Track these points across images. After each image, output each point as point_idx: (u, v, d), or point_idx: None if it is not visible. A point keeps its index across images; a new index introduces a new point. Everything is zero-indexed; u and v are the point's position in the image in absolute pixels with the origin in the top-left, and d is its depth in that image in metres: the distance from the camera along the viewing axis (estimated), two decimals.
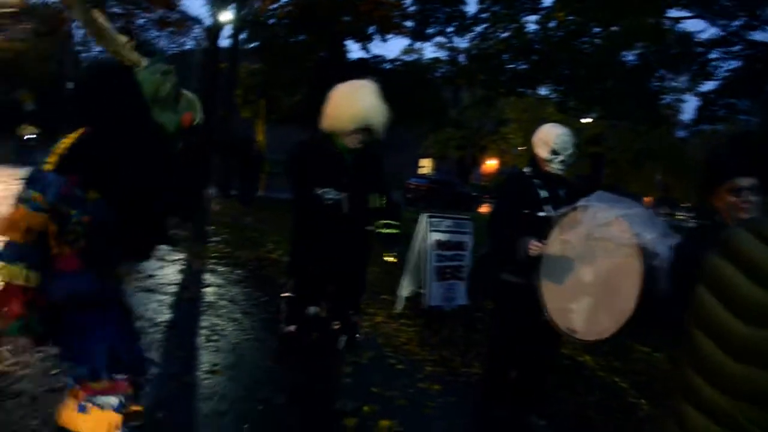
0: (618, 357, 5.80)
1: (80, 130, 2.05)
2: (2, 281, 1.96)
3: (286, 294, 3.29)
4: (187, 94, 2.27)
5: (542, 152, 3.65)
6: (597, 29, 14.13)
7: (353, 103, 3.05)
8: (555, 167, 3.63)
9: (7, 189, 13.03)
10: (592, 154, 27.14)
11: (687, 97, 29.79)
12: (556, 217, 3.42)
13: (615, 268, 3.06)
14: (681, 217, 52.64)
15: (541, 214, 3.57)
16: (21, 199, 1.98)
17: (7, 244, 1.98)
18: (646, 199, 54.76)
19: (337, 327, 3.32)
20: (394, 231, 3.32)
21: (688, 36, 14.85)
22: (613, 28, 13.49)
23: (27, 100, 38.87)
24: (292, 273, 3.33)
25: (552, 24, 14.58)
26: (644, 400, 4.76)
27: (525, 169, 3.82)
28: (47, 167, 1.99)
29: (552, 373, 4.17)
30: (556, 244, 3.42)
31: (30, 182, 1.99)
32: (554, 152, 3.60)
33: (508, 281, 3.70)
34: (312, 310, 3.23)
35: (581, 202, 3.23)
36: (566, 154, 3.60)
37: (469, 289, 6.62)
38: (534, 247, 3.42)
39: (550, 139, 3.63)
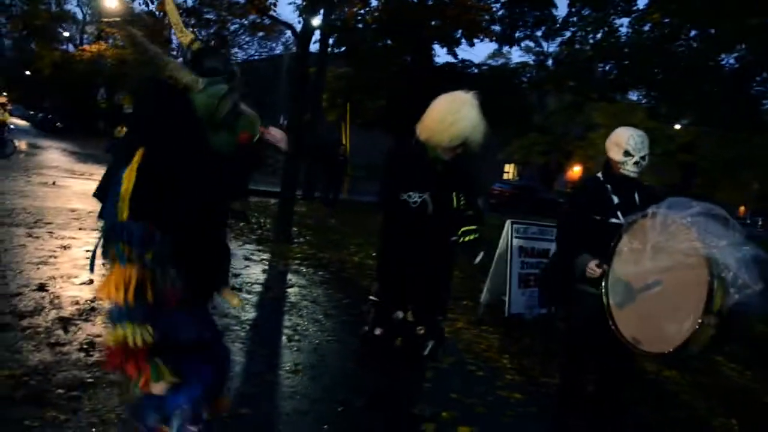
0: (706, 373, 5.54)
1: (138, 156, 1.89)
2: (116, 343, 1.87)
3: (373, 297, 3.31)
4: (246, 111, 2.09)
5: (615, 155, 3.54)
6: (694, 32, 13.55)
7: (456, 122, 3.05)
8: (629, 170, 3.50)
9: None
10: (684, 163, 25.99)
11: None
12: (626, 224, 3.32)
13: (682, 278, 2.96)
14: None
15: (613, 220, 3.46)
16: (113, 256, 1.88)
17: (113, 305, 1.88)
18: (741, 209, 52.12)
19: (422, 332, 3.32)
20: (474, 236, 3.27)
21: None
22: (712, 30, 12.88)
23: (126, 103, 41.05)
24: (378, 276, 3.36)
25: (646, 27, 14.08)
26: (734, 420, 4.52)
27: (598, 174, 3.71)
28: (125, 216, 1.86)
29: (632, 386, 4.02)
30: (624, 252, 3.32)
31: (114, 234, 1.88)
32: (627, 153, 3.48)
33: (579, 289, 3.60)
34: (399, 314, 3.24)
35: (651, 209, 3.13)
36: (639, 155, 3.47)
37: (540, 296, 6.47)
38: (592, 270, 3.35)
39: (623, 140, 3.52)
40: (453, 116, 3.05)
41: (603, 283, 3.38)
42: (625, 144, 3.49)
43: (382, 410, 3.47)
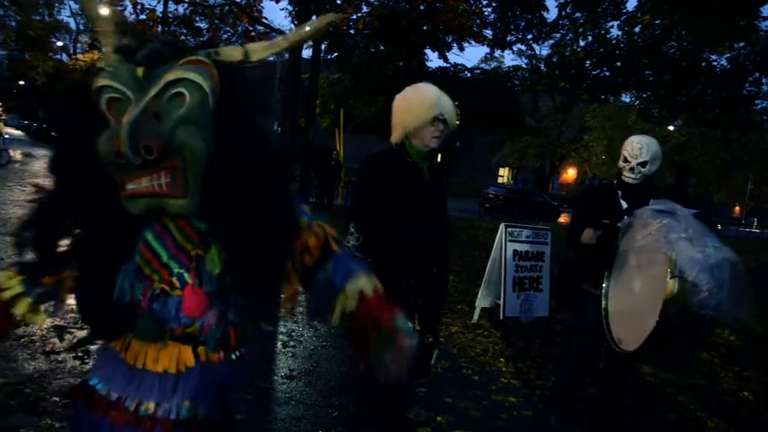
0: (702, 376, 5.56)
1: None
2: None
3: None
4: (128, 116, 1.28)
5: (620, 161, 3.66)
6: (683, 32, 13.58)
7: (423, 95, 3.02)
8: (626, 176, 3.59)
9: None
10: (678, 164, 26.12)
11: None
12: (623, 227, 3.41)
13: (654, 277, 3.07)
14: None
15: (620, 225, 3.51)
16: None
17: None
18: (736, 209, 52.31)
19: (430, 340, 3.30)
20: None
21: None
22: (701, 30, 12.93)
23: None
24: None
25: (636, 29, 14.12)
26: (730, 421, 4.53)
27: (614, 181, 3.81)
28: None
29: (627, 388, 4.04)
30: (620, 254, 3.43)
31: None
32: (625, 160, 3.58)
33: (584, 290, 3.67)
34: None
35: (636, 212, 3.26)
36: (636, 162, 3.52)
37: (551, 299, 6.56)
38: (587, 236, 3.46)
39: (624, 146, 3.63)
40: (417, 93, 3.03)
41: (603, 285, 3.47)
42: (624, 150, 3.60)
43: (377, 415, 3.46)
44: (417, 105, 3.00)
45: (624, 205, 3.59)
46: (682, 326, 2.96)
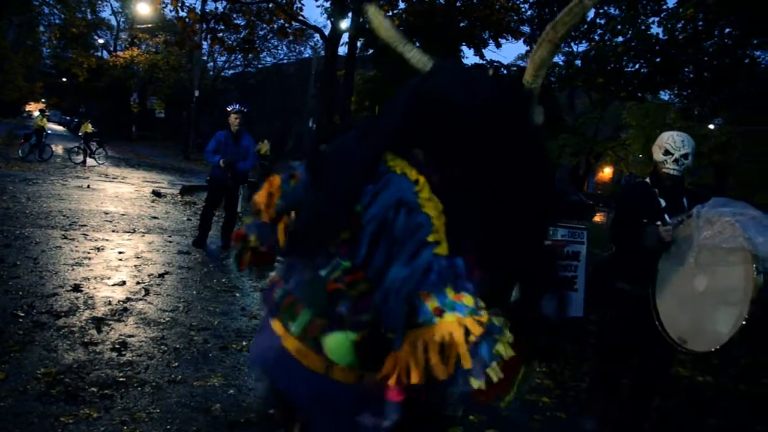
0: (744, 380, 5.42)
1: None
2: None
3: None
4: None
5: (657, 156, 3.60)
6: (726, 29, 13.25)
7: None
8: (669, 167, 3.53)
9: (138, 191, 13.95)
10: (717, 163, 25.51)
11: None
12: (672, 224, 3.33)
13: (728, 274, 2.97)
14: None
15: (659, 223, 3.45)
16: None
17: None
18: None
19: None
20: None
21: None
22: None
23: (158, 108, 41.71)
24: None
25: (678, 25, 13.83)
26: None
27: (646, 179, 3.74)
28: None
29: (667, 392, 3.95)
30: (671, 252, 3.35)
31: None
32: (667, 152, 3.53)
33: (623, 290, 3.61)
34: None
35: (696, 208, 3.17)
36: (679, 153, 3.49)
37: (586, 298, 6.44)
38: (665, 233, 3.31)
39: (663, 140, 3.58)
40: None
41: (651, 283, 3.41)
42: (665, 143, 3.55)
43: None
44: None
45: (663, 203, 3.55)
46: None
